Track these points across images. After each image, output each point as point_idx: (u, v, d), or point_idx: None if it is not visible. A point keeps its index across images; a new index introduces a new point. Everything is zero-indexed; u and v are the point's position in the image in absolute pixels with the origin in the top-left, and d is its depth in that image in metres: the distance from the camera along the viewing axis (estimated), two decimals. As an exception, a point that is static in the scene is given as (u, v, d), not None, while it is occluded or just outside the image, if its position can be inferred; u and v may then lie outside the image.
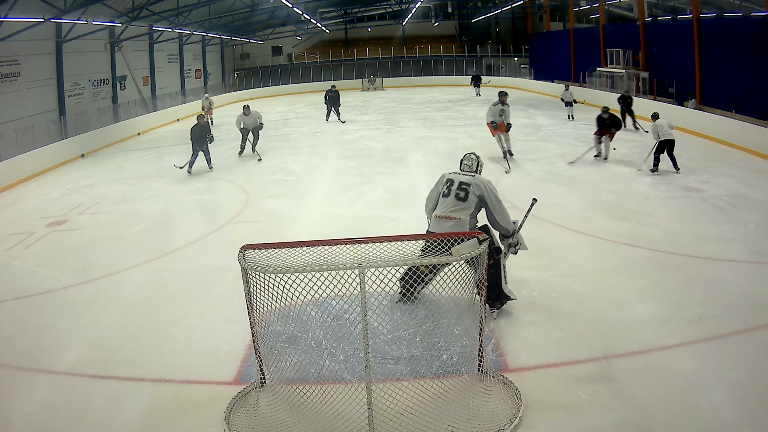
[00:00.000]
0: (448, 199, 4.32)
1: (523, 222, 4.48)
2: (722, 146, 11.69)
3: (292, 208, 8.00)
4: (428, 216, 4.54)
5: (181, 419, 3.37)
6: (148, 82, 22.48)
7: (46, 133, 13.62)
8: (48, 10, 13.11)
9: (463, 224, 4.21)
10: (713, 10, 16.50)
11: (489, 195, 4.27)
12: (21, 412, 3.52)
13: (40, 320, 4.82)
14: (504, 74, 30.17)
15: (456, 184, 4.34)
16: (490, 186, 4.33)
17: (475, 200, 4.27)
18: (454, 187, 4.34)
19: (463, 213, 4.24)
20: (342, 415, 3.17)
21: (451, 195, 4.32)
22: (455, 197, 4.29)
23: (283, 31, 31.31)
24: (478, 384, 3.45)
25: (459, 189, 4.30)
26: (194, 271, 5.74)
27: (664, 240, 6.07)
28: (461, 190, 4.29)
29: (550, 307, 4.55)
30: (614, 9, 23.52)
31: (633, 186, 8.46)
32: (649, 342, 3.96)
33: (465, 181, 4.33)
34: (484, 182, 4.33)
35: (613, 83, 19.90)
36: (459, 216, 4.23)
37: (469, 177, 4.38)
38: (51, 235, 7.36)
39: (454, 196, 4.30)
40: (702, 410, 3.23)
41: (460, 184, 4.33)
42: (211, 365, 3.94)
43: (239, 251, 3.23)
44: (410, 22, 32.74)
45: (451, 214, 4.26)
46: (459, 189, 4.30)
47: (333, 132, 15.52)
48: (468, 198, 4.27)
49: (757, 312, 4.34)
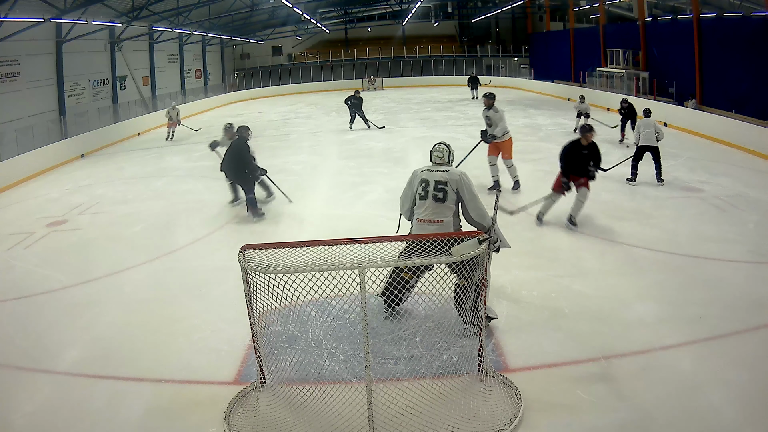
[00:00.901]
0: (426, 202, 4.10)
1: (495, 215, 4.11)
2: (722, 146, 11.69)
3: (292, 208, 8.00)
4: (405, 216, 4.33)
5: (181, 419, 3.37)
6: (148, 82, 22.49)
7: (46, 133, 13.63)
8: (48, 10, 13.11)
9: (447, 226, 4.04)
10: (713, 10, 16.49)
11: (463, 188, 4.05)
12: (21, 412, 3.52)
13: (40, 320, 4.82)
14: (504, 74, 30.18)
15: (432, 185, 4.10)
16: (465, 178, 4.10)
17: (455, 197, 4.07)
18: (430, 188, 4.10)
19: (446, 215, 4.07)
20: (342, 415, 3.17)
21: (428, 197, 4.09)
22: (434, 199, 4.07)
23: (283, 31, 31.32)
24: (478, 384, 3.45)
25: (436, 189, 4.08)
26: (194, 271, 5.74)
27: (664, 240, 6.07)
28: (438, 191, 4.07)
29: (550, 307, 4.55)
30: (614, 9, 23.52)
31: (633, 186, 8.46)
32: (649, 342, 3.96)
33: (440, 179, 4.09)
34: (459, 174, 4.10)
35: (613, 83, 19.90)
36: (442, 219, 4.07)
37: (443, 173, 4.13)
38: (51, 235, 7.36)
39: (432, 198, 4.08)
40: (702, 410, 3.23)
41: (436, 183, 4.09)
42: (211, 365, 3.94)
43: (239, 251, 3.23)
44: (410, 22, 32.72)
45: (434, 217, 4.07)
46: (436, 189, 4.08)
47: (333, 132, 15.52)
48: (447, 197, 4.05)
49: (757, 312, 4.34)
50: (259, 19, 26.94)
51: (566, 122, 15.78)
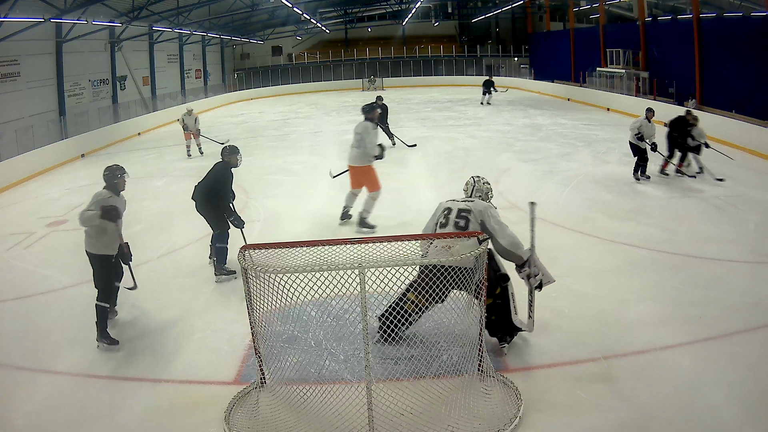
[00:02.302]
0: (447, 229, 3.89)
1: (533, 238, 3.68)
2: (722, 146, 11.66)
3: (292, 208, 8.00)
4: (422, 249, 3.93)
5: (181, 419, 3.37)
6: (148, 82, 22.49)
7: (46, 133, 13.64)
8: (48, 10, 13.12)
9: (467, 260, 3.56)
10: (713, 10, 16.50)
11: (488, 219, 3.83)
12: (21, 412, 3.51)
13: (40, 320, 4.82)
14: (504, 74, 30.19)
15: (455, 212, 3.92)
16: (490, 210, 3.90)
17: (477, 228, 3.82)
18: (452, 215, 3.92)
19: None
20: (342, 415, 3.17)
21: (449, 224, 3.88)
22: (455, 226, 3.86)
23: (283, 31, 31.33)
24: (478, 384, 3.45)
25: (458, 217, 3.88)
26: (194, 271, 5.74)
27: (664, 240, 6.08)
28: (460, 218, 3.87)
29: (550, 307, 4.55)
30: (614, 9, 23.53)
31: (633, 186, 8.46)
32: (649, 342, 3.96)
33: (464, 208, 3.92)
34: (483, 206, 3.92)
35: (613, 83, 19.91)
36: None
37: (467, 203, 3.97)
38: (51, 235, 7.35)
39: (453, 225, 3.87)
40: (702, 410, 3.23)
41: (459, 211, 3.91)
42: (211, 365, 3.94)
43: (239, 251, 3.23)
44: (410, 22, 32.74)
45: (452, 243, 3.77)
46: (458, 217, 3.88)
47: (333, 132, 15.52)
48: (468, 227, 3.82)
49: (757, 312, 4.34)
50: (259, 19, 26.94)
51: (566, 122, 15.80)
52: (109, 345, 4.22)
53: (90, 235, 4.36)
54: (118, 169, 4.66)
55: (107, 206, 4.28)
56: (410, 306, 3.60)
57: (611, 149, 11.49)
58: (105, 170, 4.67)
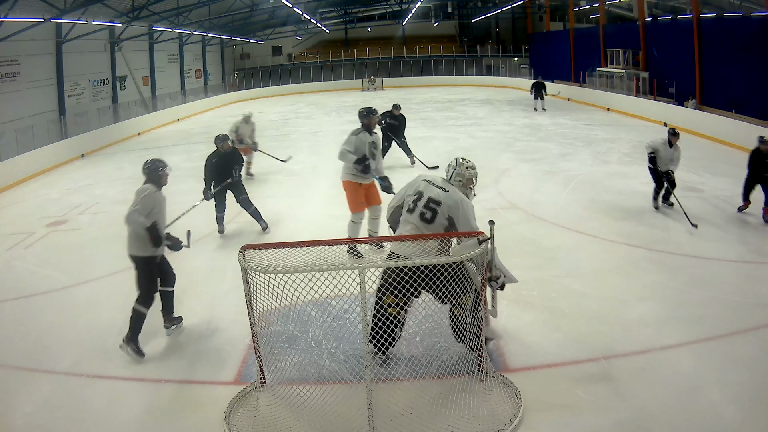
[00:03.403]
0: (411, 216, 3.57)
1: (493, 249, 3.41)
2: (722, 146, 11.69)
3: (291, 208, 7.99)
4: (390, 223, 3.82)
5: (181, 419, 3.37)
6: (148, 82, 22.50)
7: (46, 133, 13.64)
8: (48, 10, 13.12)
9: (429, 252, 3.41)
10: (713, 10, 16.50)
11: (457, 216, 3.47)
12: (21, 412, 3.51)
13: (40, 320, 4.82)
14: (504, 74, 30.18)
15: (424, 200, 3.54)
16: (463, 206, 3.49)
17: (444, 224, 3.49)
18: (421, 202, 3.55)
19: None
20: (342, 415, 3.17)
21: (415, 212, 3.55)
22: (420, 217, 3.53)
23: (283, 31, 31.33)
24: (478, 384, 3.45)
25: (426, 207, 3.52)
26: (194, 271, 5.73)
27: (664, 240, 6.08)
28: (428, 209, 3.52)
29: (550, 307, 4.55)
30: (614, 9, 23.52)
31: (633, 186, 8.45)
32: (649, 342, 3.96)
33: (435, 198, 3.53)
34: (456, 201, 3.49)
35: (613, 83, 19.91)
36: None
37: (441, 191, 3.55)
38: (51, 235, 7.35)
39: (419, 216, 3.53)
40: (702, 410, 3.23)
41: (428, 200, 3.53)
42: (211, 365, 3.94)
43: (239, 251, 3.23)
44: (410, 22, 32.75)
45: None
46: (426, 207, 3.52)
47: (333, 132, 15.51)
48: (435, 220, 3.49)
49: (757, 312, 4.34)
50: (259, 19, 26.95)
51: (566, 122, 15.80)
52: (135, 354, 3.96)
53: (132, 237, 4.11)
54: (159, 162, 4.25)
55: (157, 236, 4.09)
56: (393, 309, 3.41)
57: (611, 149, 11.50)
58: (146, 163, 4.25)
